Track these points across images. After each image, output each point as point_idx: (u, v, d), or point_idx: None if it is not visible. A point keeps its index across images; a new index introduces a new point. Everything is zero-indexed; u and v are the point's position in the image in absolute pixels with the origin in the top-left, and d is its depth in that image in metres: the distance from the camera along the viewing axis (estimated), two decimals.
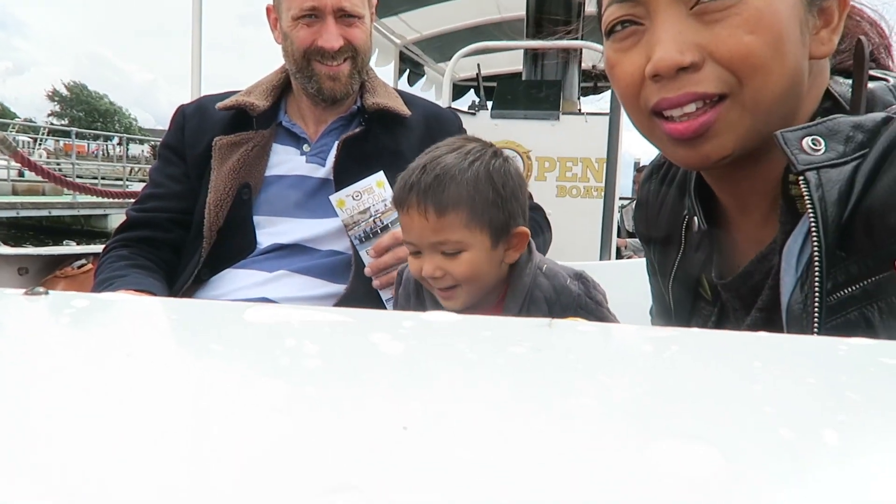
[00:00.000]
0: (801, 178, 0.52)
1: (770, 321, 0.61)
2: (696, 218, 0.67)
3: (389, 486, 0.20)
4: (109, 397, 0.28)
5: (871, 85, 0.59)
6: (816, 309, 0.53)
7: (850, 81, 0.59)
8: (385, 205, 1.21)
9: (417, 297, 1.01)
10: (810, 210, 0.51)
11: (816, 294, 0.52)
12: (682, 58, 0.52)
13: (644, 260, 0.93)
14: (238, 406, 0.27)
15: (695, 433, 0.25)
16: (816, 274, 0.52)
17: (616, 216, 3.32)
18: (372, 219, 1.22)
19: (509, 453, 0.23)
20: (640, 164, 5.31)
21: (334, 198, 1.22)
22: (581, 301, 0.93)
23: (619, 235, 4.83)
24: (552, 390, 0.31)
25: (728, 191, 0.64)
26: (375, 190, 1.21)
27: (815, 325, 0.53)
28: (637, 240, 4.62)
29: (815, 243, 0.52)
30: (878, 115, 0.53)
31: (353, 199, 1.21)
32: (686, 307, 0.73)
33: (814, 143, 0.52)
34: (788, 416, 0.28)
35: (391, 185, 1.19)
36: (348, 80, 1.32)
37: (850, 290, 0.52)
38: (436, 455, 0.23)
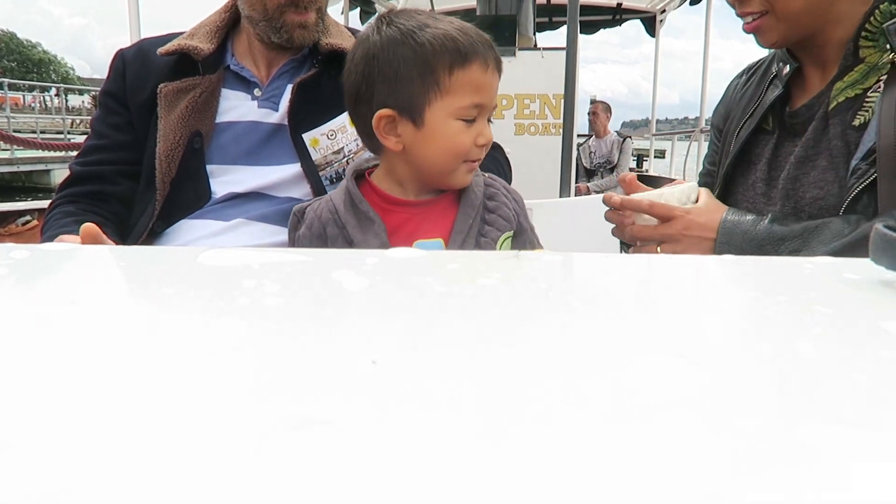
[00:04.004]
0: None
1: (817, 140, 0.96)
2: (786, 67, 1.04)
3: (360, 420, 0.19)
4: (52, 345, 0.26)
5: None
6: None
7: None
8: (357, 144, 1.16)
9: (323, 236, 0.89)
10: None
11: None
12: None
13: (601, 196, 1.07)
14: (196, 347, 0.26)
15: (675, 352, 0.24)
16: None
17: (574, 153, 3.32)
18: (345, 160, 1.16)
19: (483, 383, 0.22)
20: (596, 99, 5.32)
21: (308, 136, 1.16)
22: (521, 207, 0.94)
23: (577, 173, 4.86)
24: (525, 319, 0.30)
25: (803, 56, 1.03)
26: (348, 128, 1.15)
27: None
28: (596, 182, 4.63)
29: None
30: None
31: (328, 137, 1.14)
32: (743, 139, 1.09)
33: None
34: (765, 332, 0.28)
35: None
36: (315, 26, 1.26)
37: None
38: (407, 388, 0.22)
